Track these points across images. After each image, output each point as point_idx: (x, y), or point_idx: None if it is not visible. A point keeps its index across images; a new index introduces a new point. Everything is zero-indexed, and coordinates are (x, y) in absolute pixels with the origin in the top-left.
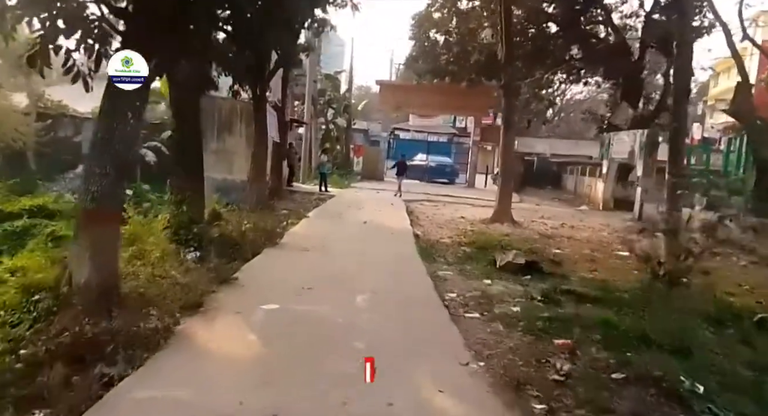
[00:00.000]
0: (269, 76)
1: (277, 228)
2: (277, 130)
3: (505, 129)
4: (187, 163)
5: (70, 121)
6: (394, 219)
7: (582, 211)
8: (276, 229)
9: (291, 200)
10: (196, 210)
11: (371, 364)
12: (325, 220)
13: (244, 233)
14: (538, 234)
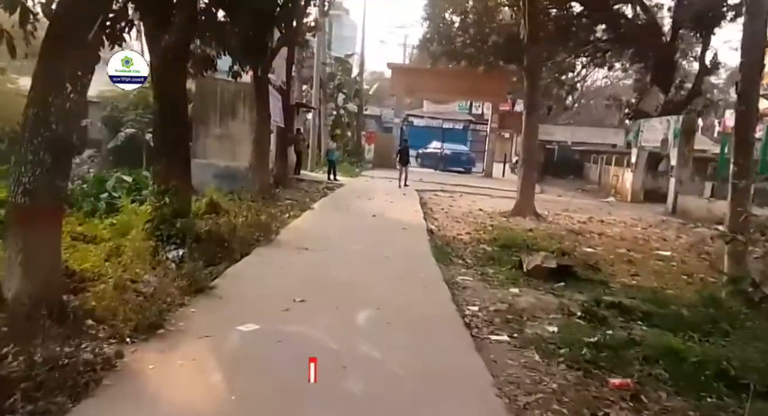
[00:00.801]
0: (271, 56)
1: (276, 222)
2: (281, 114)
3: (528, 114)
4: (171, 149)
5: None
6: (407, 211)
7: (609, 204)
8: (274, 223)
9: (297, 189)
10: (182, 201)
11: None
12: (330, 213)
13: (235, 228)
14: (565, 230)
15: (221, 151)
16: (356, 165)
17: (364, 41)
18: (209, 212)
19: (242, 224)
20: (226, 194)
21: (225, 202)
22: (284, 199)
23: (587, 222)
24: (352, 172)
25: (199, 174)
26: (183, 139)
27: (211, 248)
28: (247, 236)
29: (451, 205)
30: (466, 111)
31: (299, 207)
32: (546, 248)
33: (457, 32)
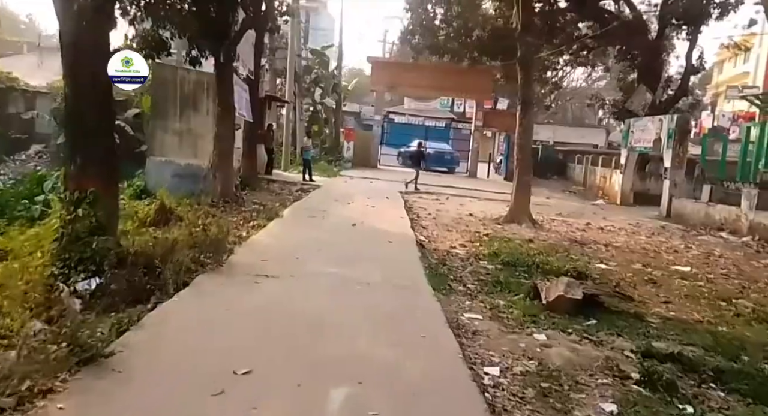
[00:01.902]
0: (235, 40)
1: (233, 235)
2: (249, 107)
3: (522, 109)
4: (88, 141)
5: (20, 96)
6: (391, 218)
7: (599, 207)
8: (230, 237)
9: (267, 191)
10: (104, 212)
11: None
12: (302, 221)
13: (173, 248)
14: (567, 240)
15: (181, 148)
16: (334, 164)
17: (342, 32)
18: (158, 221)
19: (186, 240)
20: (184, 197)
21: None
22: (250, 204)
23: (586, 230)
24: (330, 171)
25: (155, 173)
26: (104, 128)
27: (137, 276)
28: (189, 258)
29: (438, 209)
30: (448, 109)
31: (266, 214)
32: (556, 266)
33: (440, 25)
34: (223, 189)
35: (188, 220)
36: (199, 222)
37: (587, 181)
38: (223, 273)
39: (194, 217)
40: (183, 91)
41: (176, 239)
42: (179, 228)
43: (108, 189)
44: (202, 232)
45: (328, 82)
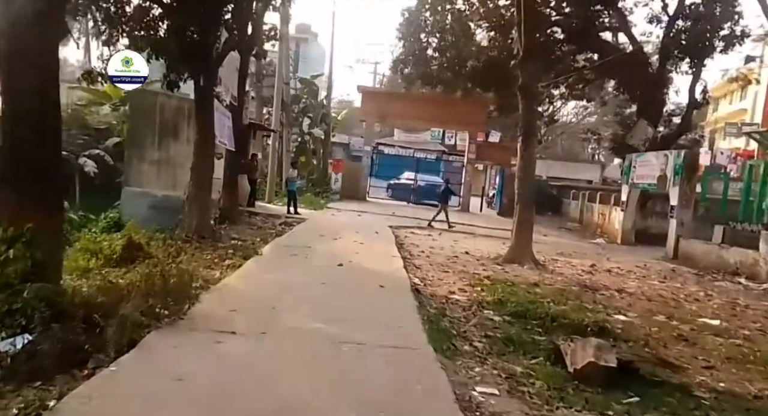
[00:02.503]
0: (217, 61)
1: (200, 280)
2: (231, 135)
3: (524, 141)
4: (28, 174)
5: None
6: (382, 257)
7: (600, 246)
8: (195, 282)
9: (248, 225)
10: (45, 255)
11: None
12: (282, 260)
13: (126, 296)
14: (576, 284)
15: (159, 178)
16: (322, 196)
17: (332, 60)
18: (125, 259)
19: (144, 285)
20: (159, 231)
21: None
22: (228, 240)
23: (593, 272)
24: (317, 203)
25: (131, 205)
26: (48, 152)
27: (74, 334)
28: (141, 309)
29: (432, 246)
30: (439, 141)
31: (244, 251)
32: (574, 319)
33: (433, 54)
34: (198, 223)
35: (157, 259)
36: (166, 262)
37: (584, 218)
38: (182, 328)
39: (164, 255)
40: (163, 118)
41: (132, 283)
42: (146, 268)
43: (50, 224)
44: (163, 276)
45: (317, 112)
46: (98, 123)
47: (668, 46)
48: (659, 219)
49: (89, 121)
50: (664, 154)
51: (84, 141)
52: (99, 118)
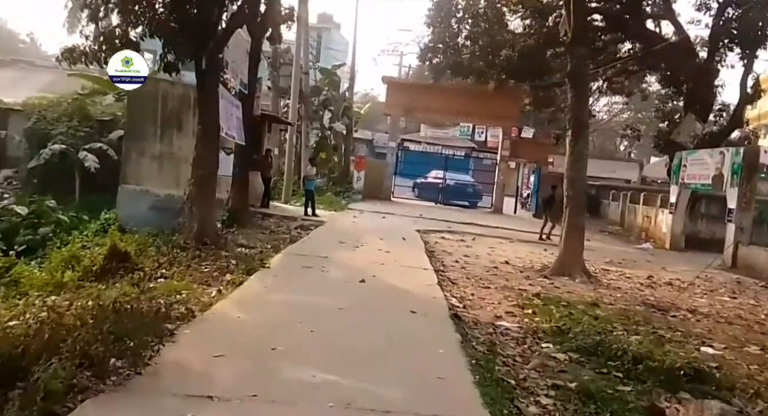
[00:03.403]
0: (221, 40)
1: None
2: (240, 127)
3: (574, 134)
4: None
5: None
6: (411, 269)
7: (648, 252)
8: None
9: (260, 229)
10: None
11: None
12: (293, 275)
13: (61, 339)
14: (639, 303)
15: (161, 175)
16: (343, 195)
17: (355, 49)
18: (108, 271)
19: (101, 314)
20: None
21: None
22: (235, 247)
23: (653, 286)
24: (337, 204)
25: (129, 205)
26: None
27: None
28: (83, 359)
29: (466, 254)
30: (468, 137)
31: (249, 263)
32: (661, 360)
33: (464, 42)
34: (200, 227)
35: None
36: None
37: (626, 221)
38: (134, 392)
39: (153, 267)
40: (165, 108)
41: (78, 316)
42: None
43: None
44: (126, 308)
45: (339, 105)
46: (101, 114)
47: (718, 34)
48: (709, 222)
49: (92, 111)
50: (720, 152)
51: (86, 133)
52: (102, 108)
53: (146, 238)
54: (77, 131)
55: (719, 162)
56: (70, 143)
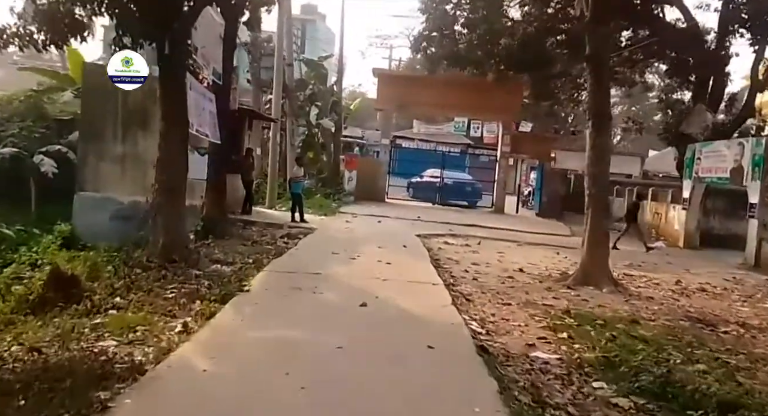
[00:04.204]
0: (187, 19)
1: (145, 344)
2: (214, 123)
3: (595, 125)
4: None
5: None
6: (418, 285)
7: (662, 251)
8: (114, 367)
9: (240, 239)
10: None
11: None
12: (278, 300)
13: None
14: (682, 317)
15: (124, 180)
16: (333, 198)
17: (343, 37)
18: (48, 301)
19: None
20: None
21: (102, 270)
22: (209, 263)
23: (687, 294)
24: (328, 207)
25: (87, 215)
26: None
27: None
28: None
29: (475, 262)
30: (463, 133)
31: (224, 285)
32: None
33: (461, 30)
34: (167, 241)
35: (90, 302)
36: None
37: None
38: None
39: (106, 293)
40: (127, 103)
41: None
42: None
43: None
44: None
45: (326, 100)
46: (60, 113)
47: (727, 19)
48: (723, 218)
49: (49, 110)
50: (739, 142)
51: (42, 134)
52: (61, 106)
53: (103, 255)
54: (32, 132)
55: (738, 153)
56: (24, 146)
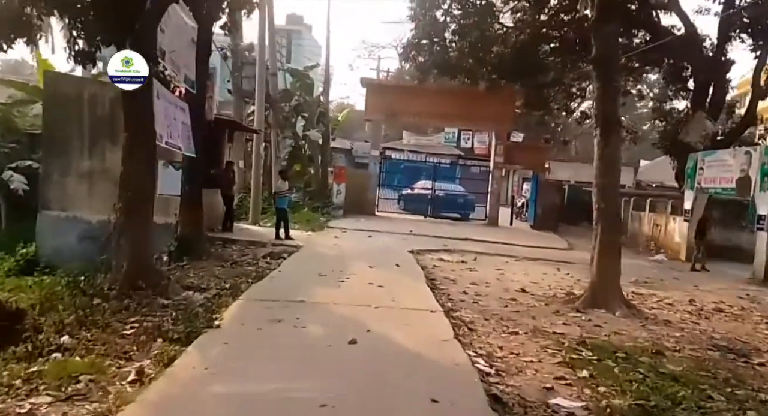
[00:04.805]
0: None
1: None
2: (187, 134)
3: (604, 133)
4: None
5: None
6: (414, 313)
7: (663, 264)
8: None
9: (218, 261)
10: None
11: None
12: (253, 341)
13: None
14: (708, 345)
15: (93, 198)
16: (321, 211)
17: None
18: None
19: None
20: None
21: (58, 300)
22: (180, 290)
23: (706, 316)
24: (315, 222)
25: (52, 236)
26: None
27: None
28: None
29: (474, 281)
30: (454, 144)
31: (191, 320)
32: None
33: (452, 37)
34: (132, 266)
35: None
36: None
37: (629, 229)
38: None
39: (56, 329)
40: (95, 115)
41: None
42: None
43: None
44: None
45: (313, 111)
46: (30, 126)
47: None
48: (723, 229)
49: (18, 124)
50: (746, 151)
51: (11, 150)
52: (32, 120)
53: (64, 282)
54: (0, 147)
55: (745, 163)
56: None
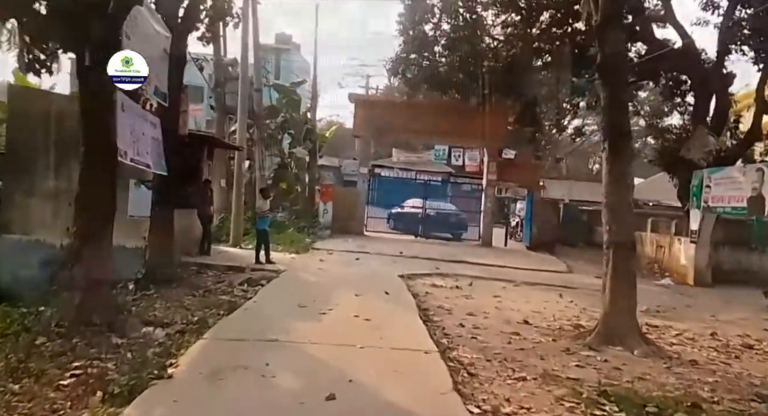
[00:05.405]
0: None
1: None
2: (157, 151)
3: (612, 148)
4: None
5: None
6: (405, 356)
7: (671, 289)
8: None
9: (190, 289)
10: None
11: None
12: (208, 397)
13: None
14: (753, 394)
15: (58, 221)
16: (307, 231)
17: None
18: None
19: None
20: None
21: None
22: (140, 326)
23: (736, 353)
24: (300, 243)
25: (12, 262)
26: None
27: None
28: None
29: (471, 312)
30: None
31: (141, 365)
32: None
33: (442, 52)
34: (86, 298)
35: None
36: None
37: None
38: None
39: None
40: (61, 131)
41: None
42: None
43: None
44: None
45: (300, 128)
46: None
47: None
48: (732, 250)
49: None
50: (758, 168)
51: None
52: None
53: (13, 317)
54: None
55: (756, 181)
56: None
